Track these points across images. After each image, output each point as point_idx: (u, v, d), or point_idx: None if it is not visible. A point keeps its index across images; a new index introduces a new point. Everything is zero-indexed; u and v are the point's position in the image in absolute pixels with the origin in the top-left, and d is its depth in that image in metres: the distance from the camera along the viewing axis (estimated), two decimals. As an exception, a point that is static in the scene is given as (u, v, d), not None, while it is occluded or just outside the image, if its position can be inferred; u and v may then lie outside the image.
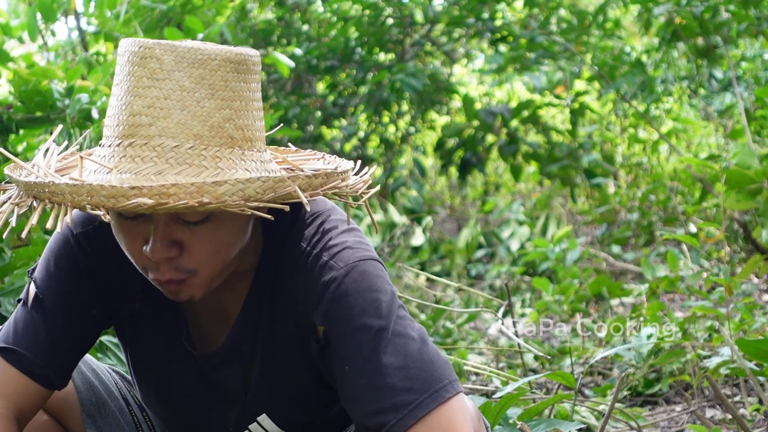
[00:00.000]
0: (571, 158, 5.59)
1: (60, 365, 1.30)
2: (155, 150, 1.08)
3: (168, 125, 1.09)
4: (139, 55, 1.10)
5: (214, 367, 1.31)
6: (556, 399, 1.99)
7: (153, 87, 1.09)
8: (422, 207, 5.60)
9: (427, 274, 4.53)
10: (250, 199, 1.05)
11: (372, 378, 1.14)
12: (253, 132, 1.14)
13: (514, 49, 5.32)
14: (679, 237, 3.15)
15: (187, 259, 1.14)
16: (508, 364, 2.97)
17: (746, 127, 4.37)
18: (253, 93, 1.16)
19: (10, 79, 2.88)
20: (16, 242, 2.76)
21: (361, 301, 1.17)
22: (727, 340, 2.38)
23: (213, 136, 1.10)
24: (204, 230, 1.13)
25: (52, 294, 1.28)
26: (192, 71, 1.10)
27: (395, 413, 1.13)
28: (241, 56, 1.14)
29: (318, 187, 1.12)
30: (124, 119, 1.10)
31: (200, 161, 1.09)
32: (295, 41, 6.21)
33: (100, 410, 1.43)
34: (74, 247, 1.29)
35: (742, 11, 4.75)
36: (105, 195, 1.03)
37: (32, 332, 1.28)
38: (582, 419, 2.20)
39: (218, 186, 1.03)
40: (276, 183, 1.06)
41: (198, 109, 1.10)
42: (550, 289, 3.33)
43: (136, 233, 1.14)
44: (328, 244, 1.22)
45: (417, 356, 1.16)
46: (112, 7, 3.52)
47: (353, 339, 1.16)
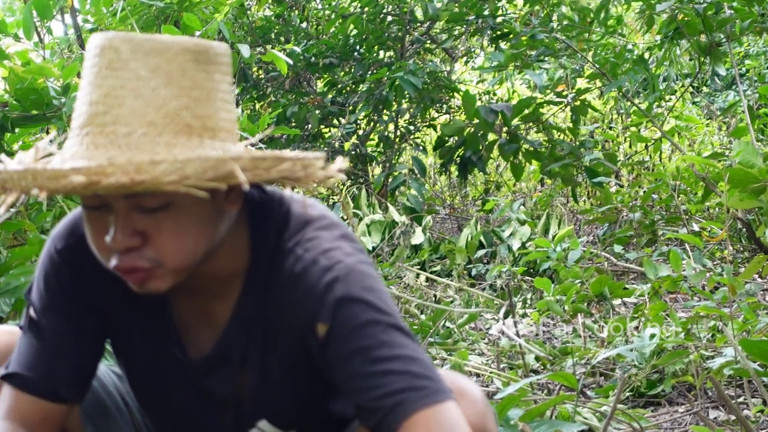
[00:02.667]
0: (572, 157, 5.57)
1: (66, 379, 1.31)
2: (108, 137, 1.08)
3: (122, 113, 1.09)
4: (99, 47, 1.11)
5: (203, 373, 1.30)
6: (557, 400, 1.97)
7: (110, 77, 1.10)
8: (422, 206, 5.58)
9: (428, 274, 4.53)
10: (190, 178, 1.03)
11: (387, 365, 1.14)
12: (215, 122, 1.13)
13: (515, 46, 5.30)
14: (681, 236, 3.13)
15: (150, 249, 1.13)
16: (509, 365, 2.95)
17: (749, 125, 4.35)
18: (217, 84, 1.14)
19: (5, 77, 2.86)
20: (12, 242, 2.75)
21: (368, 298, 1.17)
22: (731, 340, 2.36)
23: (167, 124, 1.09)
24: (165, 218, 1.12)
25: (45, 312, 1.31)
26: (148, 60, 1.10)
27: (416, 392, 1.12)
28: (201, 46, 1.13)
29: (267, 169, 1.09)
30: (84, 110, 1.12)
31: (153, 147, 1.08)
32: (294, 39, 6.19)
33: (99, 410, 1.42)
34: (58, 262, 1.31)
35: (746, 8, 4.73)
36: (47, 177, 1.04)
37: (31, 352, 1.30)
38: (584, 420, 2.18)
39: (156, 165, 1.02)
40: (217, 162, 1.04)
41: (153, 97, 1.09)
42: (551, 289, 3.30)
43: (100, 224, 1.14)
44: (323, 247, 1.21)
45: (423, 355, 1.18)
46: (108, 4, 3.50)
47: (362, 333, 1.16)
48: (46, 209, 2.82)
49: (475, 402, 1.23)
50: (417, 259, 4.88)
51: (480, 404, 1.24)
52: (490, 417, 1.25)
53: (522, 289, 4.25)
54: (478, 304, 3.92)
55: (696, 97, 8.60)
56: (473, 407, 1.22)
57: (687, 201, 5.41)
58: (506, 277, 4.34)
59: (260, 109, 6.31)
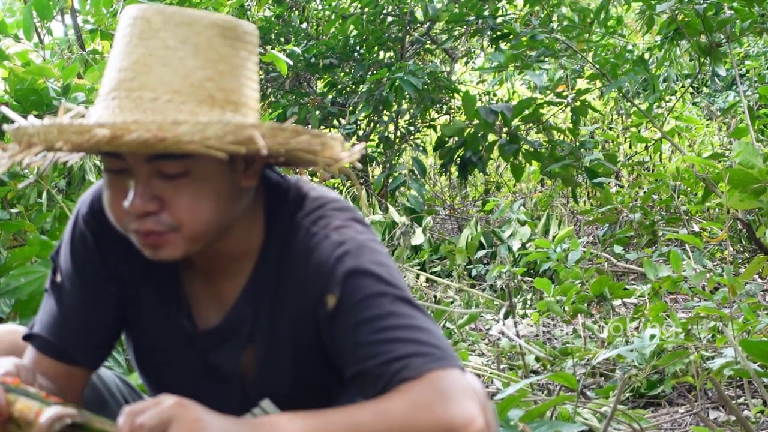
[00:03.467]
0: (572, 157, 5.57)
1: (84, 345, 1.33)
2: (134, 101, 1.12)
3: (149, 80, 1.12)
4: (132, 17, 1.15)
5: (211, 347, 1.32)
6: (557, 400, 1.97)
7: (140, 45, 1.14)
8: (422, 207, 5.58)
9: (428, 275, 4.53)
10: (211, 140, 1.06)
11: (394, 333, 1.15)
12: (238, 96, 1.17)
13: (515, 47, 5.30)
14: (682, 237, 3.13)
15: (167, 215, 1.16)
16: (510, 366, 2.95)
17: (750, 126, 4.35)
18: (243, 60, 1.18)
19: (5, 77, 2.86)
20: (12, 242, 2.75)
21: (377, 271, 1.19)
22: (731, 341, 2.36)
23: (192, 93, 1.13)
24: (184, 185, 1.15)
25: (68, 276, 1.33)
26: (177, 31, 1.14)
27: (420, 357, 1.13)
28: (229, 23, 1.17)
29: (286, 139, 1.12)
30: (113, 76, 1.15)
31: (176, 114, 1.11)
32: (294, 39, 6.19)
33: (102, 410, 1.42)
34: (82, 227, 1.33)
35: (746, 8, 4.73)
36: (73, 131, 1.07)
37: (52, 315, 1.33)
38: (584, 421, 2.18)
39: (177, 125, 1.05)
40: (237, 127, 1.07)
41: (179, 66, 1.13)
42: (551, 290, 3.30)
43: (119, 188, 1.17)
44: (336, 224, 1.24)
45: (432, 326, 1.19)
46: (108, 5, 3.50)
47: (370, 303, 1.17)
48: (46, 210, 2.82)
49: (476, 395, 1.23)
50: (417, 259, 4.88)
51: (480, 398, 1.24)
52: (488, 410, 1.25)
53: (522, 289, 4.25)
54: (479, 305, 3.92)
55: (696, 97, 8.60)
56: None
57: (687, 201, 5.41)
58: (506, 278, 4.34)
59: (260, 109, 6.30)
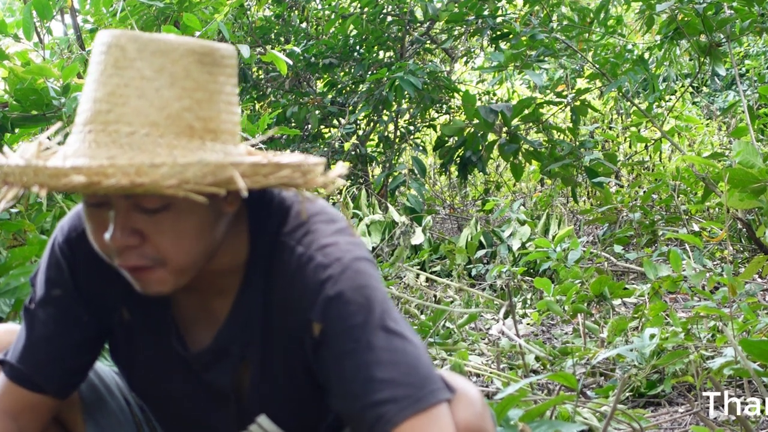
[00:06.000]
0: (572, 157, 5.57)
1: (52, 373, 1.32)
2: (110, 135, 1.09)
3: (125, 112, 1.09)
4: (106, 44, 1.12)
5: (203, 367, 1.31)
6: (557, 400, 1.97)
7: (115, 75, 1.10)
8: (422, 206, 5.58)
9: (428, 275, 4.53)
10: (190, 183, 1.04)
11: (371, 371, 1.14)
12: (217, 124, 1.13)
13: (515, 46, 5.29)
14: (681, 236, 3.12)
15: (150, 248, 1.14)
16: (509, 365, 2.94)
17: (749, 125, 4.35)
18: (221, 86, 1.15)
19: (5, 77, 2.86)
20: (12, 242, 2.74)
21: (359, 298, 1.17)
22: (731, 340, 2.35)
23: (170, 125, 1.10)
24: (164, 219, 1.13)
25: (41, 303, 1.32)
26: (153, 60, 1.10)
27: (395, 404, 1.13)
28: (206, 48, 1.14)
29: (266, 175, 1.10)
30: (88, 106, 1.12)
31: (154, 148, 1.08)
32: (294, 39, 6.18)
33: (101, 409, 1.43)
34: (59, 255, 1.32)
35: (746, 8, 4.73)
36: (48, 174, 1.05)
37: (22, 342, 1.33)
38: (584, 421, 2.18)
39: (156, 168, 1.03)
40: (217, 167, 1.05)
41: (156, 97, 1.10)
42: (551, 290, 3.30)
43: (100, 221, 1.15)
44: (321, 243, 1.22)
45: (413, 356, 1.17)
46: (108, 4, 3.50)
47: (351, 335, 1.16)
48: (46, 209, 2.82)
49: (472, 403, 1.23)
50: (417, 259, 4.88)
51: (477, 405, 1.24)
52: (487, 418, 1.25)
53: (522, 289, 4.24)
54: (478, 305, 3.92)
55: (696, 97, 8.60)
56: (470, 408, 1.22)
57: (687, 201, 5.41)
58: (506, 278, 4.34)
59: (260, 109, 6.30)
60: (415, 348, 1.18)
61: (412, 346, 1.18)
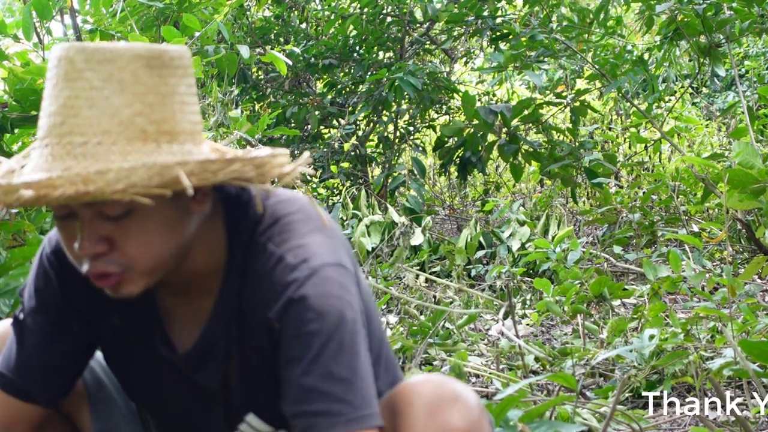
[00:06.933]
0: (572, 158, 5.57)
1: (42, 382, 1.34)
2: (65, 147, 1.10)
3: (77, 123, 1.10)
4: (56, 58, 1.14)
5: (191, 369, 1.32)
6: (557, 401, 1.97)
7: (66, 88, 1.12)
8: (422, 207, 5.58)
9: (427, 275, 4.53)
10: (137, 186, 1.06)
11: (313, 380, 1.16)
12: (172, 125, 1.14)
13: (515, 47, 5.29)
14: (681, 237, 3.12)
15: (118, 255, 1.15)
16: (509, 366, 2.95)
17: (749, 126, 4.35)
18: (173, 87, 1.15)
19: (5, 77, 2.86)
20: (11, 242, 2.74)
21: (318, 306, 1.18)
22: (730, 341, 2.35)
23: (122, 131, 1.11)
24: (129, 225, 1.14)
25: (30, 313, 1.34)
26: (101, 69, 1.12)
27: (328, 418, 1.15)
28: (153, 52, 1.15)
29: (215, 172, 1.11)
30: (44, 121, 1.14)
31: (107, 156, 1.10)
32: (293, 39, 6.18)
33: (108, 404, 1.45)
34: (47, 266, 1.33)
35: (745, 9, 4.72)
36: (2, 192, 1.08)
37: (12, 352, 1.34)
38: (583, 421, 2.18)
39: (103, 174, 1.04)
40: (163, 168, 1.06)
41: (106, 105, 1.11)
42: (550, 290, 3.30)
43: (69, 232, 1.17)
44: (292, 244, 1.23)
45: (359, 375, 1.18)
46: (108, 5, 3.50)
47: (304, 341, 1.17)
48: (46, 210, 2.82)
49: (469, 408, 1.23)
50: (416, 259, 4.88)
51: (474, 411, 1.23)
52: (485, 424, 1.25)
53: (521, 289, 4.24)
54: (478, 305, 3.92)
55: (695, 97, 8.60)
56: (468, 414, 1.22)
57: (686, 202, 5.41)
58: (506, 278, 4.34)
59: (260, 109, 6.30)
60: (363, 367, 1.19)
61: (359, 363, 1.18)
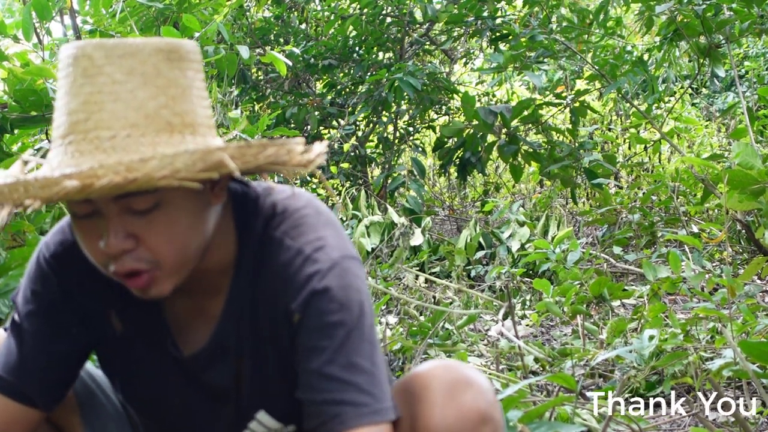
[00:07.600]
0: (571, 158, 5.57)
1: (40, 384, 1.33)
2: (92, 143, 1.09)
3: (103, 117, 1.09)
4: (71, 57, 1.12)
5: (201, 368, 1.32)
6: (556, 401, 1.97)
7: (86, 84, 1.10)
8: (421, 207, 5.58)
9: (427, 276, 4.53)
10: (181, 172, 1.04)
11: (338, 371, 1.17)
12: (194, 117, 1.15)
13: (514, 47, 5.29)
14: (681, 238, 3.12)
15: (145, 250, 1.14)
16: (509, 366, 2.95)
17: (749, 127, 4.35)
18: (191, 81, 1.16)
19: (4, 78, 2.86)
20: (11, 243, 2.74)
21: (342, 298, 1.19)
22: (730, 342, 2.35)
23: (149, 124, 1.10)
24: (156, 218, 1.13)
25: (27, 316, 1.32)
26: (122, 63, 1.10)
27: (354, 408, 1.16)
28: (171, 45, 1.15)
29: (254, 155, 1.11)
30: (64, 119, 1.12)
31: (138, 147, 1.09)
32: (293, 40, 6.19)
33: (98, 411, 1.44)
34: (45, 270, 1.32)
35: (745, 9, 4.73)
36: (39, 186, 1.04)
37: (9, 355, 1.33)
38: (583, 422, 2.18)
39: (146, 162, 1.03)
40: (205, 154, 1.06)
41: (131, 99, 1.10)
42: (550, 291, 3.30)
43: (92, 231, 1.15)
44: (310, 237, 1.23)
45: (378, 366, 1.20)
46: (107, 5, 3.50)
47: (327, 332, 1.18)
48: (45, 210, 2.82)
49: (483, 392, 1.25)
50: (416, 260, 4.88)
51: (489, 393, 1.26)
52: (498, 408, 1.28)
53: (521, 290, 4.24)
54: (478, 306, 3.92)
55: (695, 98, 8.60)
56: (483, 396, 1.24)
57: (686, 202, 5.41)
58: (505, 279, 4.34)
59: (259, 110, 6.30)
60: (380, 359, 1.21)
61: (377, 355, 1.20)
